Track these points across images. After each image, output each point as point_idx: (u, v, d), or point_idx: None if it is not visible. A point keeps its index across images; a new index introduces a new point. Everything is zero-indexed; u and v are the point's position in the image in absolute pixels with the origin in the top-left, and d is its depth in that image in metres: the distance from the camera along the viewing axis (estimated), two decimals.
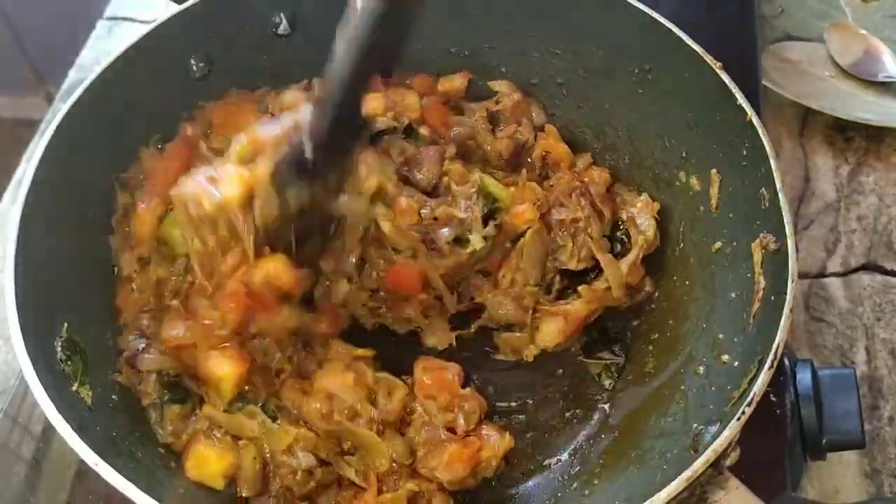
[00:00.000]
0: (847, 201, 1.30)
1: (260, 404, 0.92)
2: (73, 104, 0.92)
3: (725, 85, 0.92)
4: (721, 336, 0.91)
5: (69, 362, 0.86)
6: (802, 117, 1.39)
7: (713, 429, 0.79)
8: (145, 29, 0.97)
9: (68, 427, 0.74)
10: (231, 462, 0.89)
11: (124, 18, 1.56)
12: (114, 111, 0.96)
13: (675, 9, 1.00)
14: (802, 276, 1.23)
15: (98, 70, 0.94)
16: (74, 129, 0.92)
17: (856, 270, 1.24)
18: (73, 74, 1.47)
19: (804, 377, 0.97)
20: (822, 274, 1.24)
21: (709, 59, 0.94)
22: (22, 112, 2.48)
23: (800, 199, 1.31)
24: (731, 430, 0.74)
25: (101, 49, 1.51)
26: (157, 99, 1.01)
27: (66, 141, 0.91)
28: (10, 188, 1.29)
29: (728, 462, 0.75)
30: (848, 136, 1.37)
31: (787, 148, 1.36)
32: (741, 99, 0.91)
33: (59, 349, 0.85)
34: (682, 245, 1.02)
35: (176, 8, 0.99)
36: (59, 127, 0.90)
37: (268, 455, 0.90)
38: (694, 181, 1.00)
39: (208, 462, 0.89)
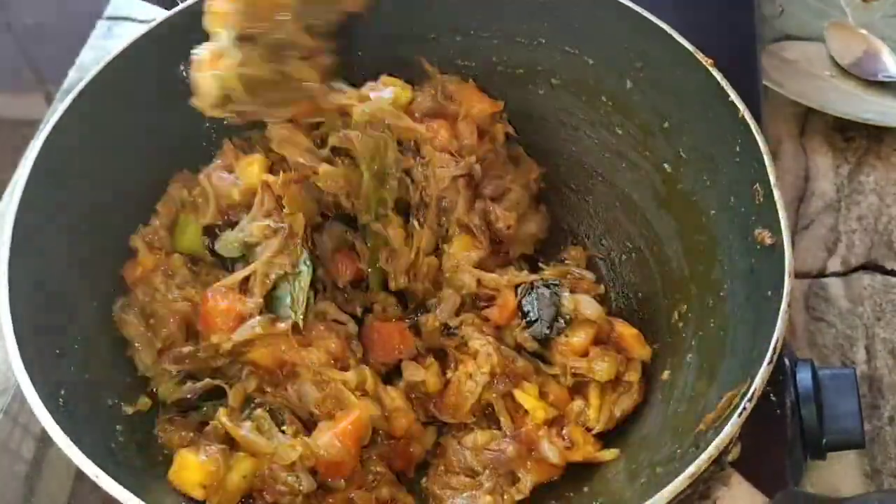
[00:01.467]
0: (847, 201, 1.30)
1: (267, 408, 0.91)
2: (61, 115, 0.91)
3: (717, 82, 0.92)
4: (720, 332, 0.91)
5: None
6: (802, 117, 1.39)
7: (714, 424, 0.79)
8: (134, 35, 0.97)
9: (67, 438, 0.74)
10: (212, 472, 0.85)
11: (124, 18, 1.56)
12: (105, 120, 0.95)
13: (675, 8, 1.01)
14: (802, 275, 1.23)
15: (87, 78, 0.93)
16: (66, 137, 0.91)
17: (856, 270, 1.24)
18: (72, 74, 1.47)
19: (804, 377, 0.97)
20: (822, 274, 1.24)
21: (700, 56, 0.94)
22: (22, 112, 2.48)
23: (800, 198, 1.31)
24: (733, 425, 0.74)
25: (101, 49, 1.50)
26: (151, 105, 1.00)
27: (60, 147, 0.90)
28: (10, 188, 1.28)
29: (729, 458, 0.76)
30: (848, 135, 1.37)
31: (787, 148, 1.36)
32: (733, 96, 0.91)
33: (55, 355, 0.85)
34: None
35: (166, 13, 0.98)
36: (48, 138, 0.89)
37: (266, 471, 0.87)
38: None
39: (189, 469, 0.85)
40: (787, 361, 0.98)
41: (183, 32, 0.99)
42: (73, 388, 0.83)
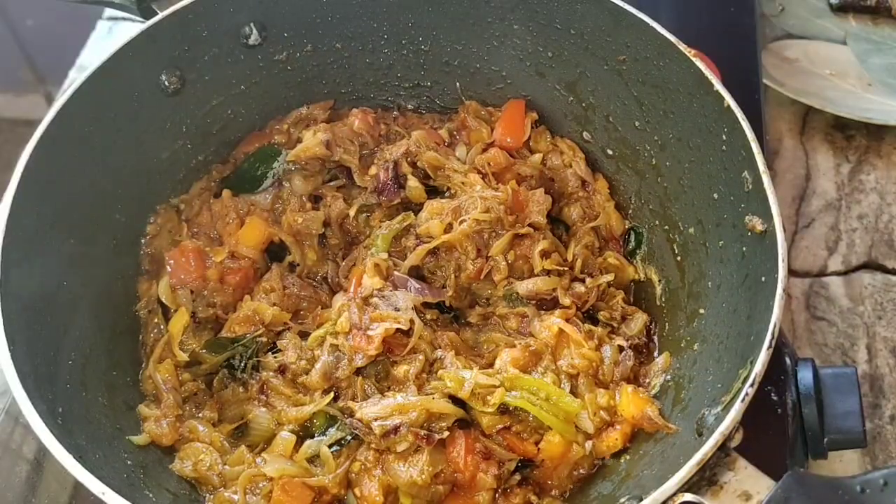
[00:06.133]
0: (848, 199, 1.30)
1: None
2: (44, 130, 0.90)
3: (701, 72, 0.92)
4: (718, 320, 0.91)
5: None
6: (803, 115, 1.39)
7: (715, 411, 0.80)
8: (113, 48, 0.95)
9: (70, 457, 0.73)
10: None
11: (124, 18, 1.56)
12: (88, 132, 0.94)
13: (676, 8, 1.00)
14: (803, 275, 1.23)
15: (68, 93, 0.92)
16: (52, 148, 0.90)
17: (857, 269, 1.24)
18: (73, 74, 1.47)
19: (805, 376, 0.97)
20: (823, 273, 1.24)
21: (682, 47, 0.93)
22: (22, 112, 2.48)
23: (801, 197, 1.31)
24: (736, 411, 0.74)
25: (101, 49, 1.50)
26: (134, 117, 0.99)
27: (47, 156, 0.89)
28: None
29: (733, 443, 0.76)
30: (848, 134, 1.37)
31: (788, 146, 1.36)
32: (717, 85, 0.90)
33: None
34: (672, 235, 1.03)
35: (142, 25, 0.97)
36: (35, 149, 0.88)
37: None
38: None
39: None
40: (788, 360, 0.98)
41: (163, 41, 0.98)
42: (69, 407, 0.83)
